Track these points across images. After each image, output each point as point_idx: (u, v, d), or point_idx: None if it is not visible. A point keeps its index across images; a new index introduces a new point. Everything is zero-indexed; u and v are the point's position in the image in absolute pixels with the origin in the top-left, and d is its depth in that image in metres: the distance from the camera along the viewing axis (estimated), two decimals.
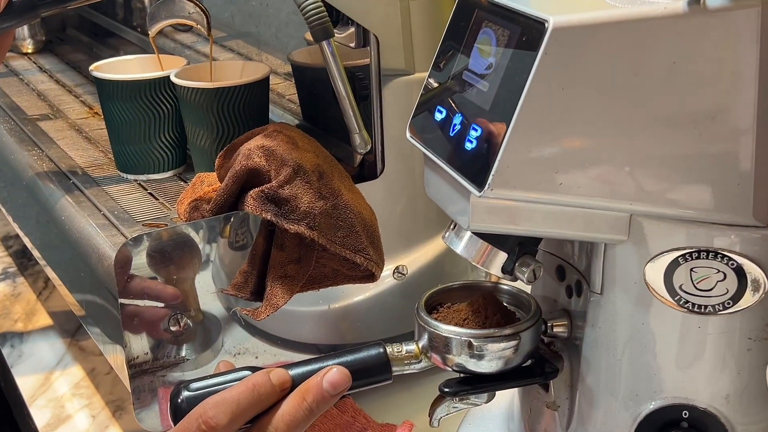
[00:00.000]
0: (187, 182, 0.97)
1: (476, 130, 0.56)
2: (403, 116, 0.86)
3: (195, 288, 0.81)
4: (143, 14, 1.48)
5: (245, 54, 1.21)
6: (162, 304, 0.79)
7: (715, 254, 0.57)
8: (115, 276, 0.75)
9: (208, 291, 0.81)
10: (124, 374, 0.81)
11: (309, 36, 1.05)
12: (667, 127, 0.55)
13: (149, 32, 0.95)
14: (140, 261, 0.77)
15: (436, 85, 0.64)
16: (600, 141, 0.54)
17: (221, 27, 1.21)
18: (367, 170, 0.87)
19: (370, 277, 0.80)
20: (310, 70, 0.98)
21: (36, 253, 1.10)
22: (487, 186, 0.53)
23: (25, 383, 0.98)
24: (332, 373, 0.61)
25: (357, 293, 0.89)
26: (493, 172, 0.53)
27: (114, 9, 1.56)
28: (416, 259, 0.93)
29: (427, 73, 0.79)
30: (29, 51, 1.50)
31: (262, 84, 0.91)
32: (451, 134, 0.59)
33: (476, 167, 0.55)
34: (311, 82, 0.99)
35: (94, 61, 1.02)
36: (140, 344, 0.78)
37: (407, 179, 0.90)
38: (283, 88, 1.10)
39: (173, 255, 0.79)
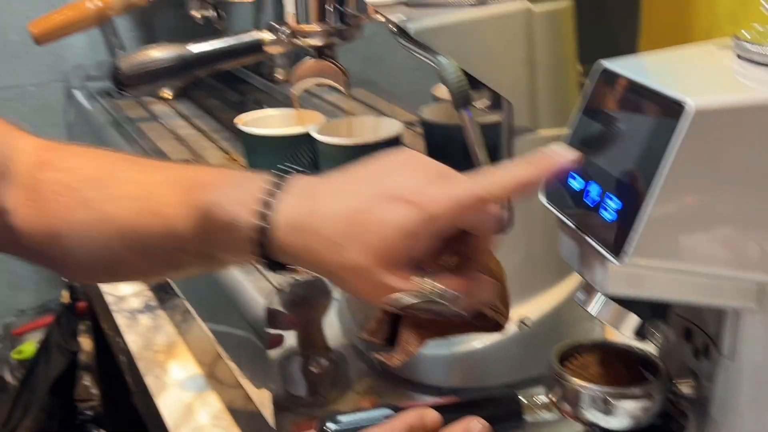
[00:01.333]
0: None
1: (614, 201, 0.58)
2: None
3: (332, 331, 0.85)
4: (272, 63, 1.55)
5: (372, 104, 1.26)
6: (302, 345, 0.83)
7: None
8: (266, 318, 0.80)
9: (344, 335, 0.85)
10: (264, 409, 0.85)
11: (437, 92, 1.09)
12: None
13: (292, 90, 1.00)
14: (286, 304, 0.82)
15: None
16: (734, 218, 0.56)
17: (356, 82, 1.25)
18: None
19: (497, 328, 0.82)
20: (439, 126, 1.01)
21: (176, 288, 1.16)
22: (624, 256, 0.56)
23: (167, 413, 1.01)
24: (475, 426, 0.63)
25: (480, 340, 0.92)
26: (630, 244, 0.55)
27: None
28: (536, 308, 0.95)
29: (549, 130, 0.82)
30: (168, 97, 1.58)
31: (396, 141, 0.95)
32: (588, 203, 0.61)
33: (614, 237, 0.57)
34: (440, 138, 1.02)
35: (227, 107, 1.08)
36: (282, 382, 0.83)
37: (528, 232, 0.91)
38: (411, 137, 1.13)
39: (315, 300, 0.83)
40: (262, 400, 0.87)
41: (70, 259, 0.71)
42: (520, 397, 0.67)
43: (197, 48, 0.93)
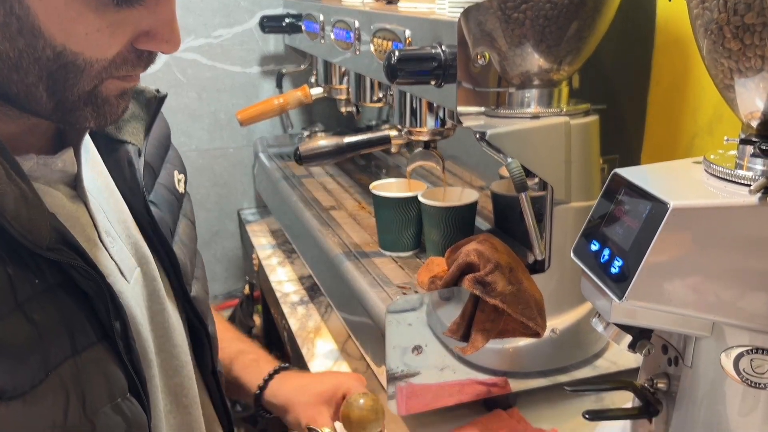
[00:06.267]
0: (420, 259, 1.07)
1: (619, 261, 0.64)
2: (562, 230, 0.92)
3: (434, 329, 0.91)
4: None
5: (456, 173, 1.32)
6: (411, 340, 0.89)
7: (765, 351, 0.62)
8: (384, 319, 0.87)
9: (437, 332, 0.91)
10: (380, 376, 0.92)
11: (502, 171, 1.14)
12: (742, 278, 0.60)
13: (407, 168, 1.07)
14: (399, 312, 0.89)
15: (591, 226, 0.72)
16: (698, 280, 0.60)
17: (446, 156, 1.31)
18: (538, 265, 0.94)
19: (537, 335, 0.87)
20: (503, 196, 1.07)
21: (322, 289, 1.23)
22: (624, 298, 0.61)
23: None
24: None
25: (524, 341, 0.96)
26: (628, 290, 0.60)
27: None
28: (563, 321, 0.99)
29: (578, 203, 0.85)
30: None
31: (472, 206, 1.01)
32: (602, 261, 0.66)
33: (617, 285, 0.63)
34: (504, 205, 1.07)
35: (359, 169, 1.14)
36: (393, 357, 0.89)
37: (560, 269, 0.95)
38: (483, 197, 1.18)
39: (416, 311, 0.89)
40: (379, 369, 0.93)
41: None
42: None
43: (348, 139, 1.01)
